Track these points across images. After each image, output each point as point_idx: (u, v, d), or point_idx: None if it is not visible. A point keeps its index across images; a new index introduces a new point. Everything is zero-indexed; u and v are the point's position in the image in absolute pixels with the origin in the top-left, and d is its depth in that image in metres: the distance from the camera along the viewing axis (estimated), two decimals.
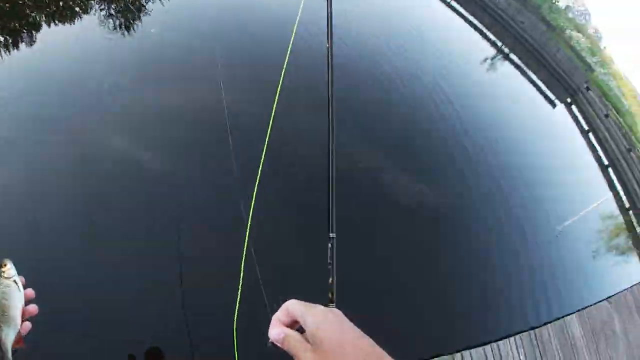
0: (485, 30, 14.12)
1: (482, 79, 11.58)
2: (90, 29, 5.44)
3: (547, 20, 18.20)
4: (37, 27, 5.25)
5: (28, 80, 4.53)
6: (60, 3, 5.68)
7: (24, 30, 5.11)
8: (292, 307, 0.67)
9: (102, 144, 4.21)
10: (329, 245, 0.85)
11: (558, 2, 20.54)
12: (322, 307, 0.67)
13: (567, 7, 21.98)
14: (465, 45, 12.72)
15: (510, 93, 12.05)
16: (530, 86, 13.31)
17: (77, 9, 5.73)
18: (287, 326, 0.66)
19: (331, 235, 0.87)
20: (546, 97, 13.40)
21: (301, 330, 0.65)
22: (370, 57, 8.29)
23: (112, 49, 5.32)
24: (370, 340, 0.62)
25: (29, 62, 4.75)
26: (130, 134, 4.44)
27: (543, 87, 13.66)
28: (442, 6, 13.85)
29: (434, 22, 12.62)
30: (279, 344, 0.65)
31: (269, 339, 0.67)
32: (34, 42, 5.04)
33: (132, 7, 6.06)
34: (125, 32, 5.70)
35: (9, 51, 4.78)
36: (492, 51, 13.67)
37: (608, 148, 13.95)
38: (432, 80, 8.89)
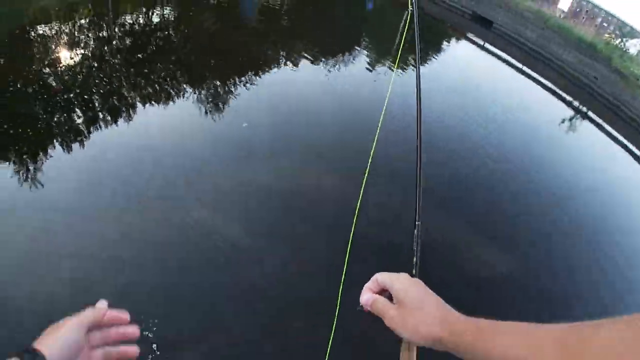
0: (559, 91, 14.55)
1: (563, 140, 11.98)
2: (183, 109, 6.36)
3: (619, 70, 18.19)
4: (134, 107, 6.12)
5: (121, 155, 5.29)
6: (156, 86, 6.75)
7: (122, 109, 5.98)
8: (381, 276, 0.74)
9: (190, 219, 4.78)
10: (415, 231, 0.95)
11: (628, 49, 20.44)
12: (407, 274, 0.75)
13: (639, 52, 21.68)
14: (543, 108, 13.25)
15: (594, 153, 12.27)
16: (614, 143, 13.36)
17: (171, 91, 6.75)
18: (376, 293, 0.75)
19: (417, 222, 0.97)
20: (631, 152, 13.36)
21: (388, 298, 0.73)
22: (449, 129, 9.00)
23: (203, 133, 6.17)
24: (448, 305, 0.69)
25: (123, 138, 5.54)
26: (222, 212, 5.02)
27: (626, 142, 13.64)
28: (513, 72, 14.58)
29: (508, 89, 13.37)
30: (368, 308, 0.74)
31: (359, 303, 0.76)
32: (131, 120, 5.86)
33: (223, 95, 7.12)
34: (216, 120, 6.57)
35: (108, 126, 5.61)
36: (569, 112, 14.02)
37: None
38: (515, 147, 9.53)
